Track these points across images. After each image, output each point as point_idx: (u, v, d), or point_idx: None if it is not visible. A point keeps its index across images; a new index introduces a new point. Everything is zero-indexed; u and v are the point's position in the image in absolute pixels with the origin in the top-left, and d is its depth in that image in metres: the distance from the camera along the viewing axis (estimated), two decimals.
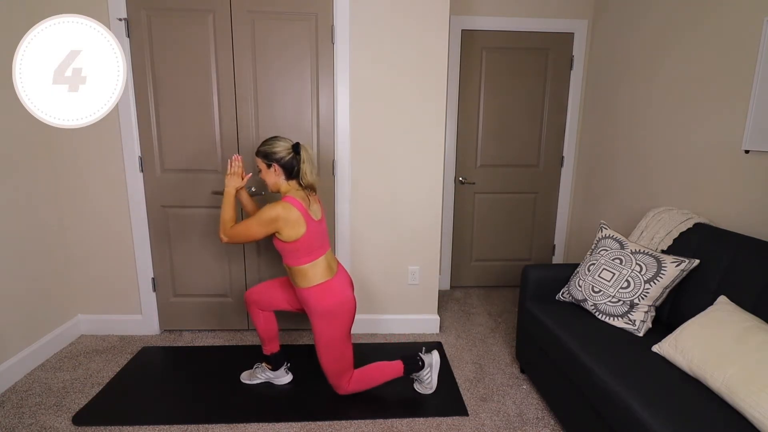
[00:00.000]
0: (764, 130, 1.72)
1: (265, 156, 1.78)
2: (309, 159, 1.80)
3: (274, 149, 1.77)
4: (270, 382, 2.10)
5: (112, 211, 2.43)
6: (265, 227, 1.70)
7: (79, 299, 2.54)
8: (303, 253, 1.77)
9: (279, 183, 1.81)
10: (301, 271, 1.79)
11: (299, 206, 1.72)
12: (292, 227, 1.71)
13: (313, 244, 1.78)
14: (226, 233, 1.77)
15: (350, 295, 1.87)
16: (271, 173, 1.79)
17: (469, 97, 3.14)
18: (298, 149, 1.78)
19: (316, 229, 1.79)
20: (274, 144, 1.78)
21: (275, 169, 1.78)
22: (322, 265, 1.82)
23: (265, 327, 2.03)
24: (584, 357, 1.57)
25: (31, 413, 1.86)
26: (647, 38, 2.44)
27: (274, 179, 1.81)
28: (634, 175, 2.55)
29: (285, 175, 1.80)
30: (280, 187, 1.82)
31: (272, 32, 2.30)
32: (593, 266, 1.94)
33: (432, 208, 2.54)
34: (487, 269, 3.43)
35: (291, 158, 1.77)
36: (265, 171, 1.80)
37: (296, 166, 1.79)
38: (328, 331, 1.81)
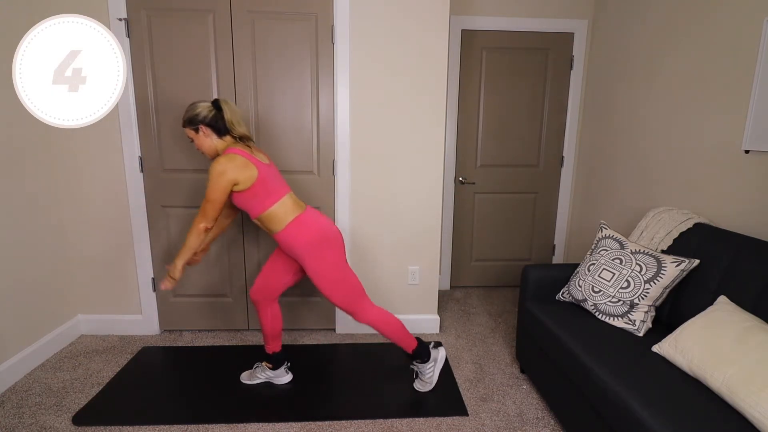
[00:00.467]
0: (764, 130, 1.72)
1: (189, 122, 1.78)
2: (232, 110, 1.79)
3: (195, 111, 1.77)
4: (270, 382, 2.09)
5: (112, 211, 2.43)
6: (221, 185, 1.69)
7: (79, 299, 2.54)
8: (264, 196, 1.76)
9: (213, 144, 1.80)
10: (270, 215, 1.79)
11: (241, 152, 1.74)
12: (242, 171, 1.70)
13: (270, 185, 1.78)
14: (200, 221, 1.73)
15: (328, 222, 1.87)
16: (202, 137, 1.79)
17: (469, 97, 3.14)
18: (218, 104, 1.78)
19: (268, 171, 1.80)
20: (194, 107, 1.78)
21: (204, 131, 1.78)
22: (287, 203, 1.82)
23: (272, 325, 2.03)
24: (584, 357, 1.57)
25: (31, 413, 1.86)
26: (647, 38, 2.44)
27: (208, 142, 1.80)
28: (634, 175, 2.55)
29: (215, 134, 1.79)
30: (218, 148, 1.81)
31: (272, 32, 2.30)
32: (593, 266, 1.94)
33: (432, 208, 2.54)
34: (487, 269, 3.43)
35: (214, 114, 1.77)
36: (196, 138, 1.80)
37: (221, 120, 1.78)
38: (321, 265, 1.80)
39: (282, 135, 2.41)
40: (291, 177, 2.44)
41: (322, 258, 1.80)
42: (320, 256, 1.80)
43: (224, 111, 1.77)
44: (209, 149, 1.82)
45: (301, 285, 2.59)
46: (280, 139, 2.41)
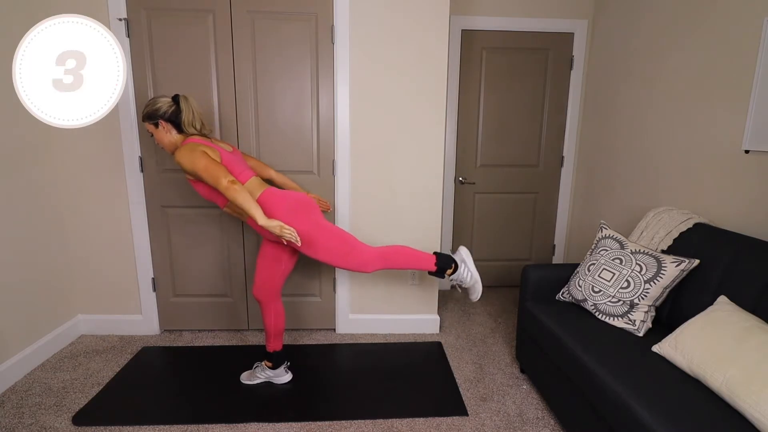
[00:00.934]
0: (764, 130, 1.72)
1: (149, 117, 1.79)
2: (189, 106, 1.81)
3: (155, 106, 1.78)
4: (270, 382, 2.09)
5: (112, 211, 2.43)
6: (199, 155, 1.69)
7: (79, 299, 2.54)
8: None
9: (173, 139, 1.82)
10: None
11: (201, 140, 1.77)
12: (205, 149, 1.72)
13: (234, 168, 1.80)
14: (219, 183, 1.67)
15: (293, 192, 1.89)
16: (162, 132, 1.80)
17: (469, 97, 3.14)
18: (177, 99, 1.80)
19: (231, 157, 1.82)
20: (154, 102, 1.79)
21: (163, 126, 1.79)
22: (253, 183, 1.84)
23: (275, 323, 2.03)
24: (584, 357, 1.56)
25: (31, 413, 1.86)
26: (647, 38, 2.44)
27: (168, 137, 1.81)
28: (634, 175, 2.55)
29: (175, 129, 1.81)
30: (177, 143, 1.82)
31: (272, 32, 2.30)
32: (593, 266, 1.94)
33: (432, 208, 2.54)
34: (487, 269, 3.43)
35: (174, 109, 1.79)
36: (156, 133, 1.81)
37: (180, 114, 1.79)
38: (303, 232, 1.78)
39: (282, 135, 2.41)
40: (291, 177, 2.43)
41: (297, 224, 1.78)
42: (296, 222, 1.78)
43: (182, 110, 1.79)
44: (169, 144, 1.83)
45: (301, 285, 2.59)
46: (280, 139, 2.41)
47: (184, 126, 1.80)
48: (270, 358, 2.08)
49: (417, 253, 1.94)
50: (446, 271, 1.96)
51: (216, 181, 1.68)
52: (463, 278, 1.97)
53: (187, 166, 1.71)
